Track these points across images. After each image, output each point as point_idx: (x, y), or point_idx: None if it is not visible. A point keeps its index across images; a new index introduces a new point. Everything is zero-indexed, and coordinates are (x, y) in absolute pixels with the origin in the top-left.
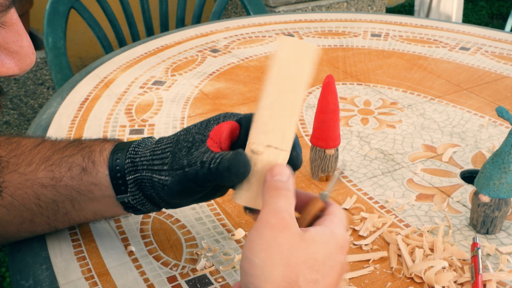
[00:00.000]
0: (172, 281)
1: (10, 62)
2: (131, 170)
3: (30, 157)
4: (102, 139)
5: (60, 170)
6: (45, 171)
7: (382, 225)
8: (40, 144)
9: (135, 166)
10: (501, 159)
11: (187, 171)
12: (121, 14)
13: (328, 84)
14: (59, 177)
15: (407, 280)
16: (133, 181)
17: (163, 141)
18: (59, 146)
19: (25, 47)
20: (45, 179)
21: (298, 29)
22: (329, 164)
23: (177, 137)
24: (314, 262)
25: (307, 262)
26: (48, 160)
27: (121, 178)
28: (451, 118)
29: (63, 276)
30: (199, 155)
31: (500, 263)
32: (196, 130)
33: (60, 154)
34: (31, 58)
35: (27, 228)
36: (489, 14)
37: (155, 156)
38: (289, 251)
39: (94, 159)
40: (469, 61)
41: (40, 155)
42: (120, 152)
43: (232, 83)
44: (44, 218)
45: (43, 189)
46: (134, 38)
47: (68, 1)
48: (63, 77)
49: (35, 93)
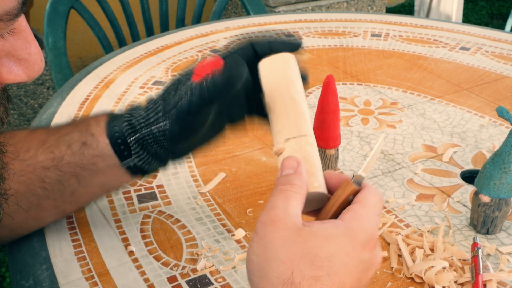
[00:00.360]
0: (172, 281)
1: (18, 69)
2: (131, 132)
3: (27, 143)
4: (94, 115)
5: (59, 150)
6: (44, 153)
7: (383, 225)
8: (34, 131)
9: (133, 127)
10: (502, 159)
11: (180, 105)
12: (121, 14)
13: (328, 84)
14: (60, 157)
15: (407, 280)
16: (135, 141)
17: (153, 96)
18: (53, 129)
19: (33, 54)
20: (46, 161)
21: (298, 29)
22: (329, 164)
23: (164, 86)
24: (313, 257)
25: (304, 257)
26: (46, 143)
27: (122, 143)
28: (451, 118)
29: (63, 276)
30: (187, 88)
31: (501, 263)
32: (181, 74)
33: (56, 135)
34: (40, 65)
35: (34, 215)
36: (489, 14)
37: (149, 111)
38: (283, 246)
39: (92, 131)
40: (469, 61)
41: (36, 139)
42: (116, 119)
43: None
44: (51, 201)
45: (46, 171)
46: (134, 38)
47: (68, 1)
48: (63, 77)
49: (35, 93)
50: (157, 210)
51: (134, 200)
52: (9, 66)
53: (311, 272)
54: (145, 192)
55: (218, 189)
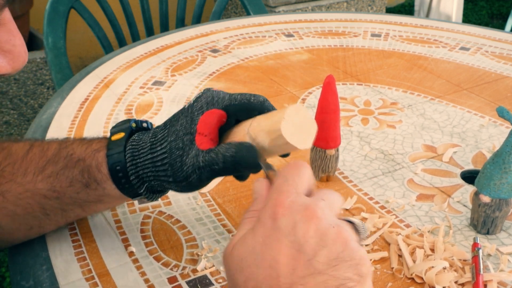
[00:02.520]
0: (172, 281)
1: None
2: (140, 184)
3: (24, 166)
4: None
5: (60, 185)
6: (43, 183)
7: (383, 225)
8: (29, 151)
9: (141, 178)
10: (502, 159)
11: (190, 181)
12: (121, 14)
13: (329, 84)
14: (61, 192)
15: (407, 280)
16: (144, 189)
17: (157, 148)
18: (49, 155)
19: (17, 46)
20: (47, 191)
21: (298, 29)
22: (330, 164)
23: (169, 145)
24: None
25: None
26: (43, 171)
27: (127, 183)
28: (451, 118)
29: (63, 277)
30: (193, 162)
31: (501, 263)
32: (183, 131)
33: (54, 166)
34: (24, 57)
35: (36, 232)
36: (489, 14)
37: (156, 167)
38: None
39: (96, 177)
40: (469, 61)
41: (34, 164)
42: (118, 165)
43: (232, 83)
44: (53, 222)
45: (47, 200)
46: (134, 38)
47: (68, 1)
48: (63, 77)
49: (35, 93)
50: (157, 211)
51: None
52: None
53: (242, 276)
54: None
55: (218, 189)
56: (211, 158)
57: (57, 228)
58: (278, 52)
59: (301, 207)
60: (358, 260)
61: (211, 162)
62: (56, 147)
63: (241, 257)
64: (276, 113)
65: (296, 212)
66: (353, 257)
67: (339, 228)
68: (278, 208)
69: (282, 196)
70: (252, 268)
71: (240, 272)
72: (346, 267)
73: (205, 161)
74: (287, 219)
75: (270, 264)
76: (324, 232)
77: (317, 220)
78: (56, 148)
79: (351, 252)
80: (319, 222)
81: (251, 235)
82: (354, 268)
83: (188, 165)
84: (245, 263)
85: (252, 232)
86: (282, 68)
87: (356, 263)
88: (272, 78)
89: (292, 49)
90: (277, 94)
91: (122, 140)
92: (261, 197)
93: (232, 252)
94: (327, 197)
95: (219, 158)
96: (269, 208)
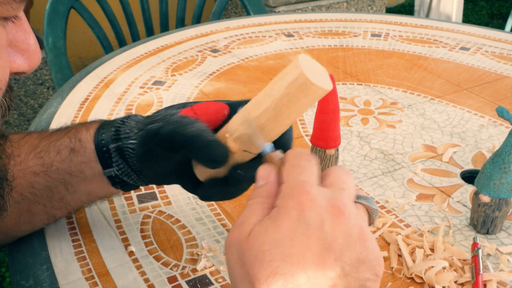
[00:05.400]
0: (172, 281)
1: (20, 59)
2: (114, 139)
3: (19, 148)
4: (89, 121)
5: (49, 155)
6: (34, 159)
7: (383, 225)
8: (27, 135)
9: (118, 134)
10: (502, 159)
11: (149, 128)
12: (121, 14)
13: None
14: (49, 163)
15: (407, 280)
16: (115, 149)
17: (152, 115)
18: (46, 134)
19: (32, 45)
20: (36, 166)
21: (298, 29)
22: (330, 164)
23: (162, 110)
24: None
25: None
26: (36, 148)
27: (107, 152)
28: (451, 118)
29: (63, 277)
30: (165, 114)
31: (501, 263)
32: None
33: (47, 140)
34: (38, 56)
35: (26, 219)
36: (489, 14)
37: (137, 125)
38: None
39: (81, 137)
40: (469, 61)
41: (28, 144)
42: (106, 126)
43: (232, 83)
44: (41, 207)
45: (36, 177)
46: (134, 38)
47: (68, 1)
48: (63, 77)
49: (35, 93)
50: (157, 210)
51: (134, 200)
52: (13, 55)
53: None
54: (145, 192)
55: None
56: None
57: (45, 225)
58: (278, 52)
59: (327, 202)
60: (374, 261)
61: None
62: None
63: (263, 249)
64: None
65: (323, 207)
66: (371, 258)
67: (360, 226)
68: (304, 199)
69: (305, 186)
70: (277, 262)
71: (260, 265)
72: (366, 269)
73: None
74: (315, 214)
75: (298, 261)
76: (349, 231)
77: (343, 219)
78: (54, 129)
79: (369, 253)
80: (345, 220)
81: (273, 226)
82: (372, 268)
83: (159, 114)
84: (268, 257)
85: (274, 223)
86: (282, 68)
87: (374, 264)
88: (272, 78)
89: (292, 49)
90: None
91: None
92: (270, 183)
93: (249, 240)
94: (345, 185)
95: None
96: (293, 198)
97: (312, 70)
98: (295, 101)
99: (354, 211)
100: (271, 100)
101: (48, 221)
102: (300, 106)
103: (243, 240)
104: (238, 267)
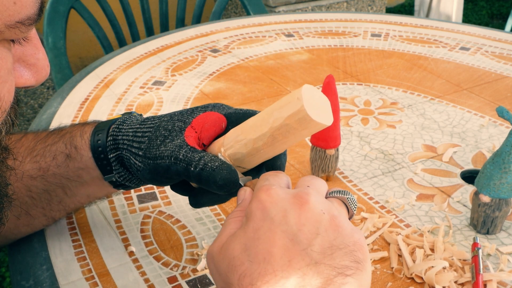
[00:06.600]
0: (172, 281)
1: (28, 74)
2: (113, 148)
3: (15, 150)
4: (82, 123)
5: (45, 160)
6: (31, 162)
7: (383, 225)
8: (23, 137)
9: (117, 143)
10: (502, 159)
11: (158, 163)
12: (121, 14)
13: (329, 84)
14: (45, 167)
15: (407, 280)
16: (115, 159)
17: (148, 122)
18: (41, 136)
19: (41, 60)
20: (33, 170)
21: (298, 29)
22: (330, 164)
23: (159, 122)
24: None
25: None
26: (32, 151)
27: (105, 158)
28: (451, 118)
29: (63, 277)
30: (173, 149)
31: (501, 263)
32: (179, 116)
33: (43, 144)
34: (46, 70)
35: (25, 222)
36: (489, 14)
37: (135, 138)
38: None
39: (76, 144)
40: (469, 61)
41: (24, 147)
42: (101, 132)
43: (232, 83)
44: (39, 209)
45: (33, 180)
46: (134, 38)
47: (68, 1)
48: (63, 77)
49: (35, 93)
50: (157, 210)
51: (134, 200)
52: (20, 70)
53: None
54: (145, 192)
55: None
56: (193, 157)
57: (44, 227)
58: (278, 52)
59: (289, 195)
60: (352, 246)
61: (190, 161)
62: (51, 130)
63: (233, 256)
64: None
65: (285, 200)
66: (347, 243)
67: (330, 213)
68: (264, 196)
69: (265, 187)
70: (246, 265)
71: (233, 271)
72: (342, 255)
73: (186, 156)
74: (277, 208)
75: (264, 258)
76: (316, 219)
77: (308, 206)
78: (49, 130)
79: (344, 238)
80: (310, 208)
81: (242, 232)
82: (350, 255)
83: (168, 149)
84: (237, 261)
85: (243, 229)
86: (282, 68)
87: (351, 250)
88: (272, 78)
89: (292, 49)
90: (277, 94)
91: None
92: (245, 201)
93: (221, 251)
94: (311, 183)
95: (199, 163)
96: (256, 202)
97: (314, 102)
98: (293, 132)
99: (322, 200)
100: (269, 127)
101: (47, 223)
102: (298, 136)
103: (217, 252)
104: (217, 277)
